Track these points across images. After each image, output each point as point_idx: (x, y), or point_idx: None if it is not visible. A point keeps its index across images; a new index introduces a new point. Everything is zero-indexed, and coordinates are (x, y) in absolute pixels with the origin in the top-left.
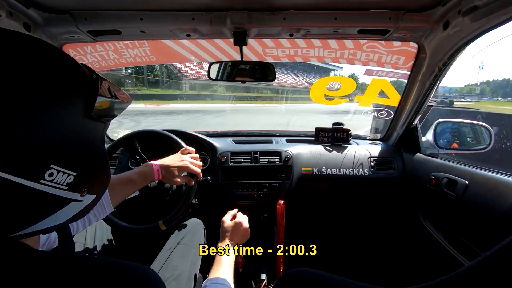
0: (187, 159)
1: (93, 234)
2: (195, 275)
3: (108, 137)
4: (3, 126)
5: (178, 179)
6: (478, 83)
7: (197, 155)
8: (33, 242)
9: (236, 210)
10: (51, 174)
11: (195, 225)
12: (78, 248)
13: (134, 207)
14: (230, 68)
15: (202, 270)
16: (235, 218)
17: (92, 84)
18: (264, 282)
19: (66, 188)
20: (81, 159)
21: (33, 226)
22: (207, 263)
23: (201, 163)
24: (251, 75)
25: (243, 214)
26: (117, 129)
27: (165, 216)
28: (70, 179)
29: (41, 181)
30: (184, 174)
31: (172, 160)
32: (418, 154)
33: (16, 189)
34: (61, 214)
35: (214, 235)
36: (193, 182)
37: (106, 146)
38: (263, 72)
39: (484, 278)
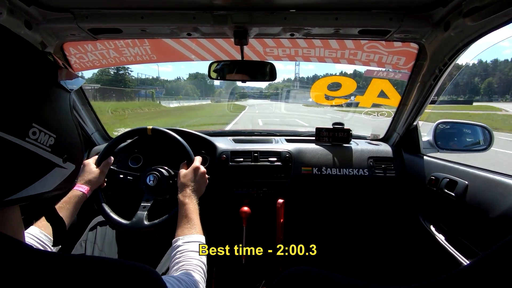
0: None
1: (102, 236)
2: None
3: (108, 135)
4: None
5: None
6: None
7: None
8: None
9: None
10: (34, 133)
11: None
12: (89, 248)
13: (134, 207)
14: (231, 67)
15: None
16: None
17: (48, 57)
18: (264, 282)
19: (49, 150)
20: (57, 123)
21: (24, 190)
22: (209, 264)
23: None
24: (251, 74)
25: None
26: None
27: (169, 212)
28: (51, 140)
29: (27, 139)
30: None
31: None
32: (418, 155)
33: (5, 147)
34: (48, 179)
35: (213, 234)
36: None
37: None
38: (263, 71)
39: (484, 276)
